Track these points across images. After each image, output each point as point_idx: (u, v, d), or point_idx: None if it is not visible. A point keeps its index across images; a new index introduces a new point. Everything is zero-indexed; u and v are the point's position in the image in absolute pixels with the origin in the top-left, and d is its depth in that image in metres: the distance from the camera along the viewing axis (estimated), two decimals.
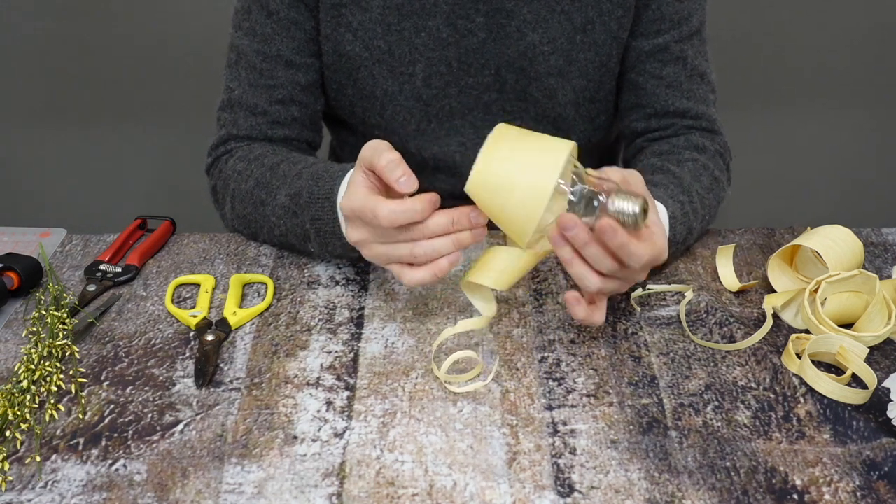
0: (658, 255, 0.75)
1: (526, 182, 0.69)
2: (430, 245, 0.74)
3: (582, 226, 0.71)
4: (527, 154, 0.70)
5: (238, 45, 1.00)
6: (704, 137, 1.02)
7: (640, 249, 0.72)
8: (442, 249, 0.74)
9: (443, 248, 0.74)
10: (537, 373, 0.79)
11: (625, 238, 0.71)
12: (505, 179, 0.69)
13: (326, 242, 0.87)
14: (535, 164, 0.69)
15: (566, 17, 0.98)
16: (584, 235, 0.71)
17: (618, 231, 0.70)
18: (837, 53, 1.93)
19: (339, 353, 0.82)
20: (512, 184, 0.69)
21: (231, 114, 1.01)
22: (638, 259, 0.72)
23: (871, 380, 0.77)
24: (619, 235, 0.70)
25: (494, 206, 0.71)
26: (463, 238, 0.74)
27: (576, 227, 0.70)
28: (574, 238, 0.71)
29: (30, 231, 1.01)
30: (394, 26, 0.97)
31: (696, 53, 1.02)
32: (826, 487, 0.68)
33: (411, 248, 0.75)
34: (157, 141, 1.98)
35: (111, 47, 1.86)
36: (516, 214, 0.70)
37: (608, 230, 0.70)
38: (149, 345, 0.83)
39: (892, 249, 0.98)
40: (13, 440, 0.72)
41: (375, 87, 1.01)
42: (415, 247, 0.75)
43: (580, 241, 0.71)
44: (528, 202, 0.69)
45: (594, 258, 0.72)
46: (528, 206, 0.69)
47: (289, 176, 0.90)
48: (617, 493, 0.67)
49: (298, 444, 0.72)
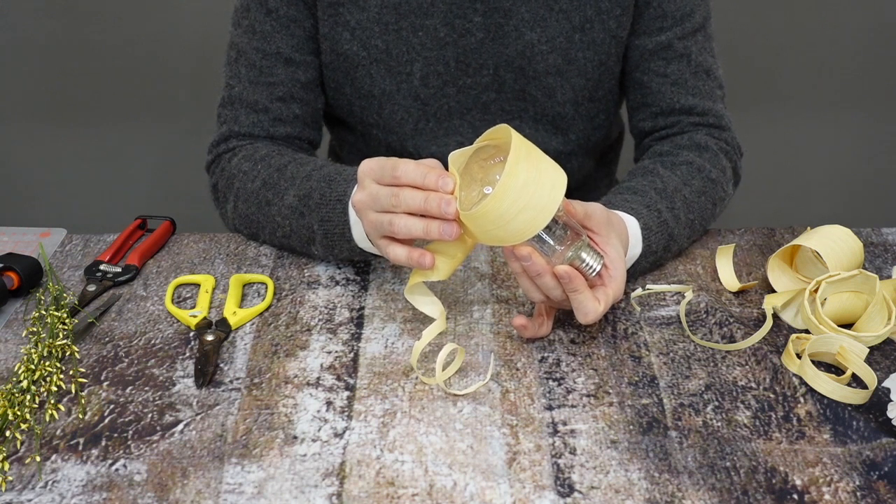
0: (614, 300, 0.78)
1: (529, 214, 0.70)
2: (405, 221, 0.74)
3: (538, 259, 0.75)
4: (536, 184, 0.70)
5: (237, 42, 1.00)
6: (710, 135, 1.02)
7: (590, 305, 0.76)
8: (413, 229, 0.74)
9: (414, 227, 0.74)
10: (537, 373, 0.79)
11: (581, 286, 0.75)
12: (511, 209, 0.70)
13: (333, 245, 0.87)
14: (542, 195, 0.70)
15: (564, 15, 0.98)
16: (539, 268, 0.75)
17: (575, 278, 0.74)
18: (837, 54, 1.93)
19: (339, 353, 0.82)
20: (516, 213, 0.70)
21: (232, 111, 1.01)
22: (583, 312, 0.76)
23: (871, 380, 0.77)
24: (576, 283, 0.75)
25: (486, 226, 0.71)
26: (431, 229, 0.74)
27: (531, 261, 0.75)
28: (529, 268, 0.75)
29: (30, 231, 1.01)
30: (391, 25, 0.97)
31: (700, 49, 1.02)
32: (826, 487, 0.68)
33: (390, 218, 0.75)
34: (157, 141, 1.98)
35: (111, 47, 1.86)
36: (502, 236, 0.72)
37: (566, 276, 0.74)
38: (149, 345, 0.83)
39: (892, 249, 0.98)
40: (13, 440, 0.72)
41: (373, 87, 1.01)
42: (393, 218, 0.75)
43: (533, 272, 0.76)
44: (522, 230, 0.71)
45: (544, 287, 0.77)
46: (520, 232, 0.71)
47: (297, 177, 0.90)
48: (617, 493, 0.67)
49: (298, 444, 0.72)
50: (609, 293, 0.77)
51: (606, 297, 0.77)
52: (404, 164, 0.75)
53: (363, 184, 0.78)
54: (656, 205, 0.89)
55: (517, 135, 0.71)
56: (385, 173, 0.76)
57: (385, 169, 0.76)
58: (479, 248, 0.97)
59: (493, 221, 0.70)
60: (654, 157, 1.00)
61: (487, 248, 0.97)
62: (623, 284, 0.79)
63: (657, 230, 0.88)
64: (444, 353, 0.77)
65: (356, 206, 0.79)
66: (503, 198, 0.69)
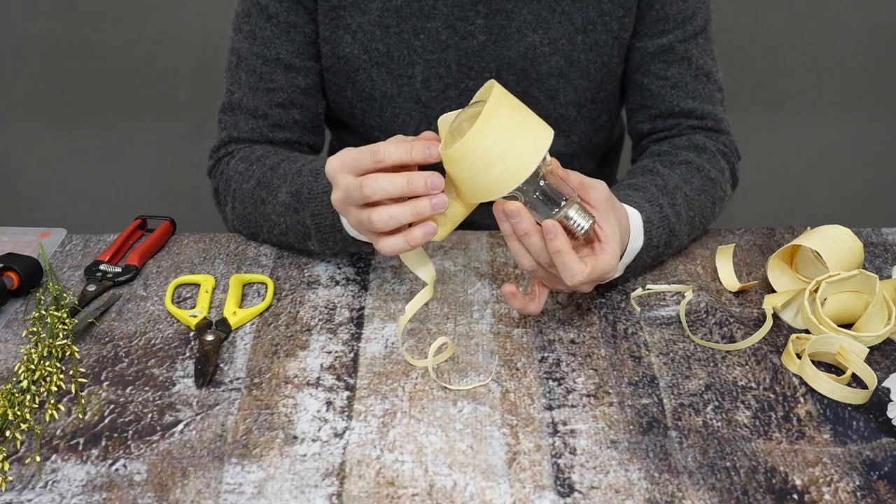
0: (598, 276, 0.75)
1: (502, 167, 0.69)
2: (385, 212, 0.71)
3: (527, 217, 0.72)
4: (518, 130, 0.69)
5: (238, 48, 1.00)
6: (708, 137, 1.02)
7: (575, 267, 0.73)
8: (400, 217, 0.71)
9: (400, 215, 0.71)
10: (537, 373, 0.79)
11: (565, 246, 0.72)
12: (492, 150, 0.68)
13: (326, 238, 0.87)
14: (524, 144, 0.69)
15: (567, 17, 0.98)
16: (527, 226, 0.73)
17: (559, 235, 0.72)
18: (837, 54, 1.93)
19: (339, 353, 0.82)
20: (496, 156, 0.68)
21: (232, 117, 1.01)
22: (570, 274, 0.73)
23: (871, 380, 0.77)
24: (560, 241, 0.72)
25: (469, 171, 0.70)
26: (422, 207, 0.71)
27: (519, 217, 0.72)
28: (516, 225, 0.73)
29: (30, 231, 1.01)
30: (393, 28, 0.97)
31: (701, 53, 1.02)
32: (826, 487, 0.68)
33: (368, 214, 0.72)
34: (157, 141, 1.98)
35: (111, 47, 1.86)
36: (484, 184, 0.70)
37: (551, 231, 0.72)
38: (149, 345, 0.84)
39: (892, 249, 0.98)
40: (13, 440, 0.72)
41: (374, 90, 1.01)
42: (371, 213, 0.72)
43: (521, 230, 0.73)
44: (503, 177, 0.69)
45: (531, 247, 0.74)
46: (501, 180, 0.70)
47: (289, 174, 0.90)
48: (617, 493, 0.67)
49: (298, 444, 0.72)
50: (598, 261, 0.75)
51: (594, 263, 0.74)
52: (384, 146, 0.71)
53: (335, 181, 0.75)
54: (658, 200, 0.89)
55: (501, 87, 0.71)
56: (364, 162, 0.72)
57: (363, 157, 0.72)
58: (479, 249, 0.97)
59: (473, 164, 0.69)
60: (654, 157, 1.00)
61: (487, 248, 0.97)
62: (615, 262, 0.76)
63: (659, 224, 0.88)
64: (436, 344, 0.78)
65: (337, 207, 0.77)
66: (483, 135, 0.68)
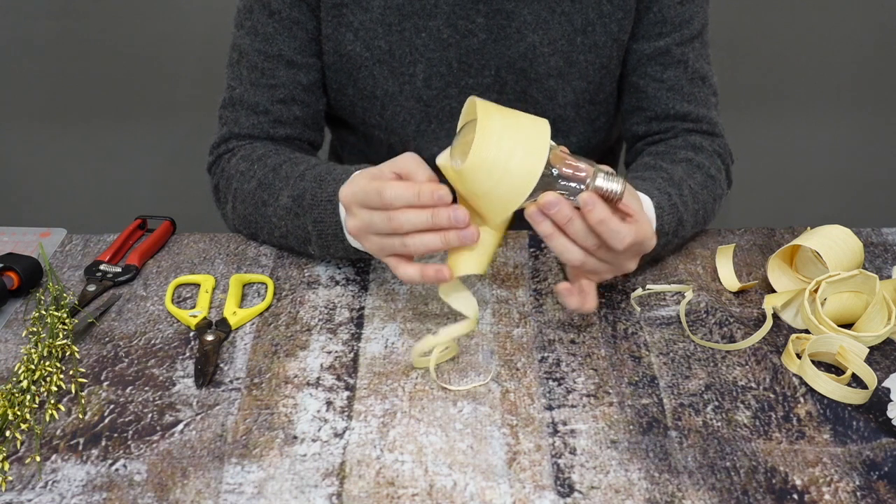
0: (643, 239, 0.75)
1: (516, 166, 0.69)
2: (420, 239, 0.73)
3: (565, 202, 0.72)
4: (515, 137, 0.69)
5: (240, 44, 1.00)
6: (703, 139, 1.02)
7: (623, 228, 0.72)
8: (430, 244, 0.73)
9: (431, 243, 0.73)
10: (537, 373, 0.79)
11: (606, 213, 0.72)
12: (502, 150, 0.68)
13: (328, 245, 0.87)
14: (525, 148, 0.69)
15: (566, 18, 0.98)
16: (568, 211, 0.72)
17: (597, 204, 0.71)
18: (837, 54, 1.93)
19: (339, 353, 0.82)
20: (503, 168, 0.69)
21: (233, 112, 1.01)
22: (619, 238, 0.72)
23: (871, 380, 0.77)
24: (600, 210, 0.71)
25: (488, 179, 0.70)
26: (450, 238, 0.73)
27: (559, 204, 0.72)
28: (557, 214, 0.72)
29: (30, 231, 1.01)
30: (394, 26, 0.97)
31: (697, 56, 1.02)
32: (826, 487, 0.68)
33: (402, 240, 0.74)
34: (157, 141, 1.98)
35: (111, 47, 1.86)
36: (501, 197, 0.70)
37: (589, 202, 0.71)
38: (149, 345, 0.84)
39: (892, 249, 0.98)
40: (13, 440, 0.72)
41: (376, 88, 1.01)
42: (405, 240, 0.74)
43: (563, 216, 0.72)
44: (516, 185, 0.70)
45: (577, 233, 0.73)
46: (516, 189, 0.70)
47: (291, 177, 0.90)
48: (617, 493, 0.67)
49: (298, 444, 0.72)
50: (639, 227, 0.74)
51: (637, 228, 0.74)
52: (390, 188, 0.73)
53: (351, 211, 0.77)
54: (666, 189, 0.89)
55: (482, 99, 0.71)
56: (370, 199, 0.74)
57: (369, 194, 0.74)
58: None
59: (490, 171, 0.69)
60: (653, 156, 1.00)
61: None
62: (652, 229, 0.76)
63: (669, 211, 0.88)
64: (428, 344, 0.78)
65: (353, 234, 0.78)
66: (488, 140, 0.68)
